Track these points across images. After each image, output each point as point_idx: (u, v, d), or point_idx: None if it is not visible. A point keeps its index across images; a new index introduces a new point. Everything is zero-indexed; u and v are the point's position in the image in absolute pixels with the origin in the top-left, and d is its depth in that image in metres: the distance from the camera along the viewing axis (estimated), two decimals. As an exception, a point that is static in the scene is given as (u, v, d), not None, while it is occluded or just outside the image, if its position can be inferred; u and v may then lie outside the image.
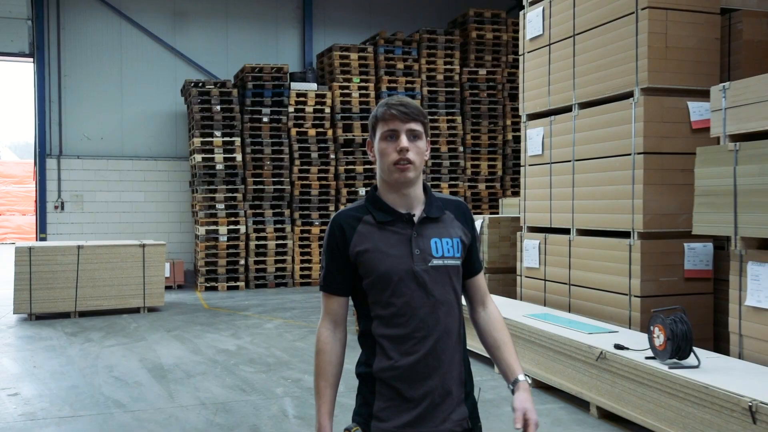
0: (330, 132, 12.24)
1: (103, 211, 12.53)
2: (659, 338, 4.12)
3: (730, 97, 4.42)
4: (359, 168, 12.35)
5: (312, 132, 12.15)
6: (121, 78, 12.73)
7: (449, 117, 12.72)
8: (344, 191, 12.26)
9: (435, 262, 1.90)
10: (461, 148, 12.82)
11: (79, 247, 8.95)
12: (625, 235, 5.66)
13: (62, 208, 12.32)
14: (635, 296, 5.51)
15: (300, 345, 7.12)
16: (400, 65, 12.59)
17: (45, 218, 12.23)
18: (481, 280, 2.09)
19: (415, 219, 1.93)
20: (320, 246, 12.01)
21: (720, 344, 5.34)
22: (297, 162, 12.01)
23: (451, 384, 1.92)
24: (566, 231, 6.42)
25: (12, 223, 26.63)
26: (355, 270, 1.93)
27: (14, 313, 8.66)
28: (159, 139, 12.92)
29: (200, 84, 11.76)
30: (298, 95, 12.11)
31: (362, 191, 12.33)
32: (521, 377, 1.97)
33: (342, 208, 2.02)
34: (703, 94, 5.28)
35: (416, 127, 1.91)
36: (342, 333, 1.98)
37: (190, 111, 11.91)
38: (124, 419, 4.73)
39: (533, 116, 7.05)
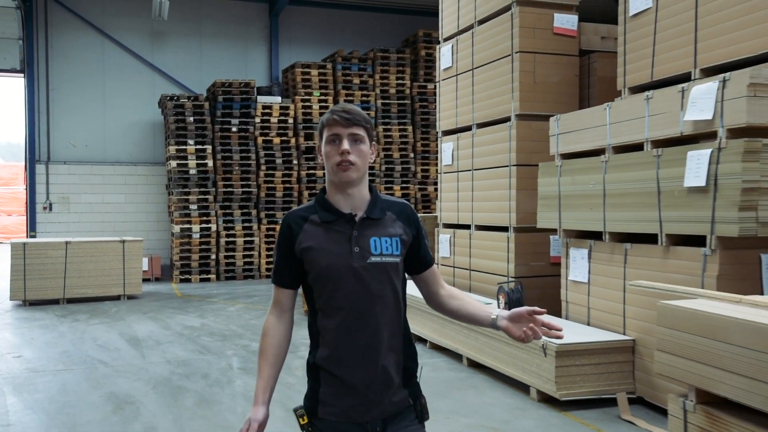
0: (293, 140, 13.66)
1: (88, 212, 13.86)
2: (502, 303, 5.63)
3: (561, 126, 5.93)
4: (319, 173, 13.78)
5: (277, 140, 13.56)
6: (103, 91, 14.07)
7: (401, 126, 14.19)
8: (306, 193, 13.68)
9: (373, 259, 2.00)
10: (412, 154, 14.30)
11: (67, 242, 10.31)
12: (506, 229, 7.16)
13: (50, 209, 13.64)
14: (512, 277, 7.01)
15: (254, 323, 8.55)
16: (357, 80, 14.05)
17: (35, 218, 13.53)
18: (435, 270, 2.19)
19: (357, 218, 2.03)
20: (284, 242, 13.42)
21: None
22: (263, 167, 13.42)
23: (390, 371, 2.03)
24: (468, 227, 7.91)
25: (-1, 223, 27.67)
26: (301, 265, 2.04)
27: (10, 300, 10.01)
28: (138, 147, 14.27)
29: (175, 97, 13.13)
30: (264, 107, 13.51)
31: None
32: (496, 310, 2.13)
33: (294, 208, 2.17)
34: (561, 120, 6.78)
35: (358, 131, 2.00)
36: (287, 320, 2.11)
37: (167, 121, 13.27)
38: (105, 371, 6.15)
39: (446, 132, 8.53)
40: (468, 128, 7.93)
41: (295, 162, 13.62)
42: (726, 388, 2.87)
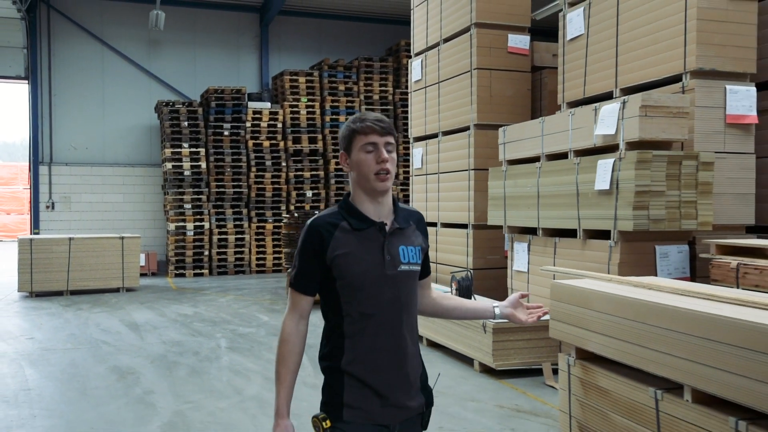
0: (282, 144, 14.52)
1: (88, 210, 14.69)
2: (454, 289, 6.50)
3: (507, 136, 6.80)
4: (307, 174, 14.64)
5: (266, 144, 14.41)
6: (103, 97, 14.90)
7: (384, 131, 15.04)
8: (294, 194, 14.54)
9: (402, 267, 2.06)
10: (395, 156, 15.14)
11: (70, 239, 11.15)
12: (465, 226, 8.03)
13: (53, 207, 14.47)
14: (470, 269, 7.87)
15: (243, 311, 9.40)
16: (342, 87, 14.92)
17: (38, 216, 14.35)
18: (430, 282, 2.32)
19: (387, 228, 2.07)
20: (274, 240, 14.28)
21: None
22: (253, 169, 14.27)
23: (412, 376, 2.09)
24: (435, 224, 8.77)
25: (-1, 221, 28.41)
26: (328, 272, 2.04)
27: (18, 291, 10.85)
28: (136, 149, 15.11)
29: (170, 103, 13.97)
30: (255, 112, 14.36)
31: (309, 193, 14.64)
32: (494, 302, 2.29)
33: (317, 213, 2.17)
34: (512, 129, 7.64)
35: (391, 140, 2.06)
36: (304, 326, 2.11)
37: (162, 125, 14.11)
38: (109, 349, 7.00)
39: (416, 139, 9.40)
40: (435, 135, 8.81)
41: (283, 164, 14.47)
42: (594, 345, 3.73)
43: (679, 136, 5.00)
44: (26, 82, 14.50)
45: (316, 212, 10.26)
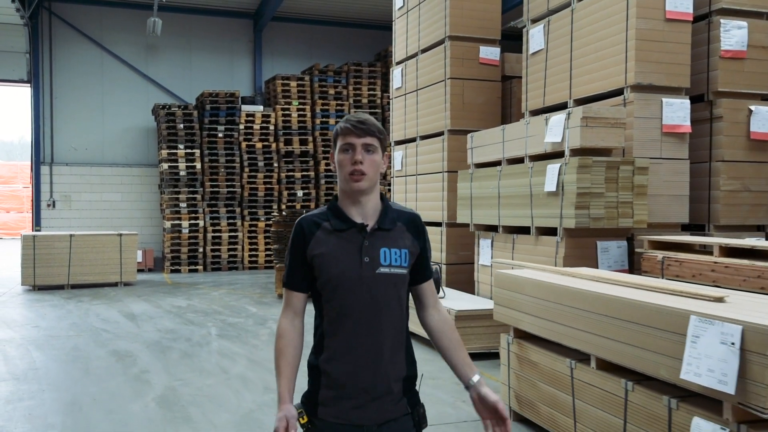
0: (274, 145, 15.12)
1: (87, 209, 15.29)
2: (423, 282, 7.10)
3: (474, 141, 7.42)
4: (297, 174, 15.24)
5: (259, 145, 15.02)
6: (102, 99, 15.50)
7: (372, 133, 15.66)
8: (285, 193, 15.15)
9: (382, 270, 2.01)
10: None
11: (71, 235, 11.74)
12: (440, 224, 8.65)
13: (54, 206, 15.06)
14: (443, 263, 8.49)
15: (233, 304, 10.01)
16: (332, 91, 15.53)
17: (40, 214, 14.94)
18: (431, 285, 2.20)
19: (368, 229, 2.04)
20: (265, 237, 14.88)
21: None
22: (246, 169, 14.87)
23: (390, 380, 2.04)
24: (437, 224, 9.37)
25: (-2, 219, 28.92)
26: (311, 270, 2.07)
27: (21, 285, 11.44)
28: (133, 150, 15.72)
29: (167, 106, 14.57)
30: (248, 115, 14.97)
31: (300, 193, 15.25)
32: (477, 377, 2.11)
33: (306, 212, 2.18)
34: (483, 135, 8.26)
35: (371, 141, 2.02)
36: (300, 323, 2.12)
37: (159, 127, 14.71)
38: (108, 336, 7.61)
39: (397, 142, 10.01)
40: (413, 139, 9.43)
41: (275, 165, 15.07)
42: (525, 324, 4.35)
43: (616, 144, 5.62)
44: (29, 85, 15.09)
45: (305, 211, 10.83)
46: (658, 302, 3.27)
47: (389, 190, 15.72)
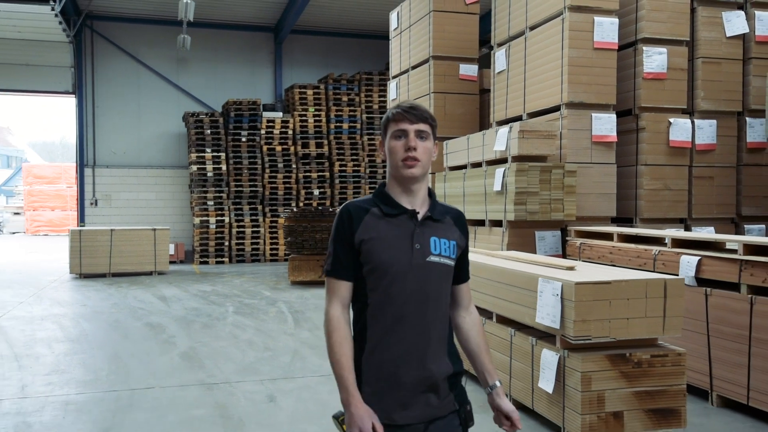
0: (292, 148, 16.58)
1: (126, 206, 16.96)
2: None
3: (449, 148, 8.72)
4: (314, 175, 16.68)
5: (279, 148, 16.49)
6: (138, 108, 17.14)
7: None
8: (302, 192, 16.59)
9: (432, 258, 1.97)
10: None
11: (111, 230, 13.35)
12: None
13: (96, 204, 16.76)
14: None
15: (251, 289, 11.46)
16: (345, 98, 16.92)
17: (84, 211, 16.66)
18: (467, 288, 2.17)
19: (419, 216, 2.00)
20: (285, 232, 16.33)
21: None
22: (267, 170, 16.36)
23: (437, 374, 1.98)
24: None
25: (44, 217, 30.92)
26: (357, 257, 2.00)
27: (70, 273, 13.10)
28: (166, 154, 17.34)
29: (196, 114, 16.13)
30: (268, 121, 16.44)
31: (316, 192, 16.67)
32: (498, 383, 2.11)
33: (350, 199, 2.16)
34: (461, 141, 9.54)
35: (424, 128, 2.00)
36: (348, 315, 2.04)
37: (189, 133, 16.27)
38: (143, 312, 9.11)
39: (393, 147, 11.33)
40: (406, 145, 10.73)
41: (294, 166, 16.53)
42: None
43: (548, 152, 6.88)
44: (73, 96, 16.80)
45: (320, 208, 12.21)
46: (527, 270, 4.58)
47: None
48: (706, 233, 6.90)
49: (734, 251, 4.71)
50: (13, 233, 31.10)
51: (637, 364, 4.02)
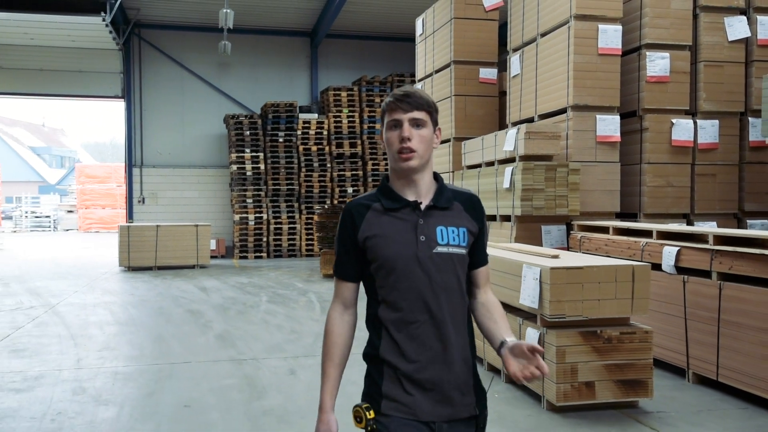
0: (327, 148, 17.30)
1: (170, 204, 17.94)
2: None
3: (466, 148, 9.26)
4: (348, 174, 17.37)
5: (314, 148, 17.23)
6: (183, 111, 18.10)
7: (414, 136, 17.60)
8: (337, 190, 17.30)
9: (439, 249, 1.90)
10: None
11: (157, 226, 14.27)
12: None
13: (143, 202, 17.79)
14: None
15: (285, 281, 12.20)
16: (378, 99, 17.55)
17: (132, 209, 17.70)
18: (484, 273, 2.07)
19: (422, 207, 1.93)
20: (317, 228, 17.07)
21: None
22: (303, 170, 17.12)
23: (458, 368, 1.92)
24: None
25: (95, 215, 32.46)
26: (363, 255, 1.96)
27: (119, 266, 14.07)
28: (208, 154, 18.26)
29: (236, 116, 16.99)
30: (304, 122, 17.20)
31: (350, 190, 17.37)
32: (512, 338, 1.94)
33: (354, 197, 2.07)
34: (480, 141, 10.07)
35: (419, 115, 1.91)
36: (351, 316, 2.02)
37: (229, 134, 17.14)
38: (184, 301, 9.90)
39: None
40: (430, 145, 11.31)
41: (328, 165, 17.25)
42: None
43: (553, 152, 7.38)
44: (123, 100, 17.85)
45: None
46: (515, 258, 5.13)
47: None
48: (687, 226, 7.28)
49: (707, 242, 5.16)
50: (67, 230, 32.69)
51: (607, 340, 4.54)
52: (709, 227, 7.56)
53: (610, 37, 7.58)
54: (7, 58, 17.37)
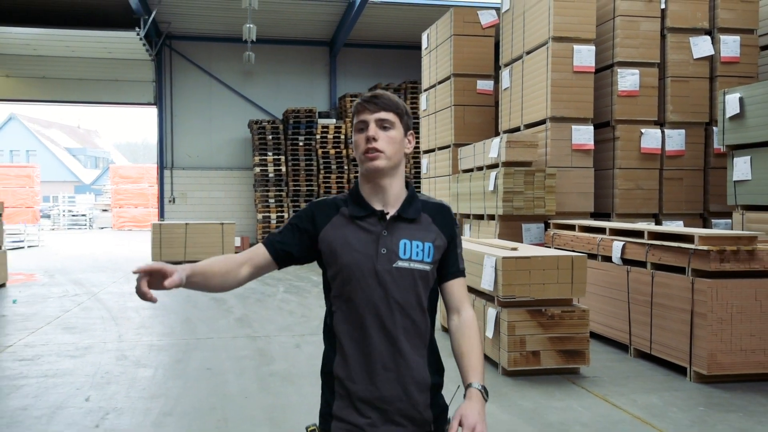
0: (344, 152, 18.38)
1: (198, 204, 19.20)
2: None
3: (461, 153, 10.24)
4: (364, 175, 18.41)
5: (332, 151, 18.32)
6: (210, 116, 19.34)
7: (427, 140, 18.60)
8: (353, 191, 18.36)
9: (400, 263, 1.81)
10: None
11: (186, 224, 15.49)
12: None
13: (173, 201, 19.07)
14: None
15: (302, 274, 13.29)
16: (392, 105, 18.56)
17: (164, 208, 19.00)
18: (457, 286, 1.94)
19: (388, 217, 1.85)
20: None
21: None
22: (322, 172, 18.23)
23: (411, 388, 1.82)
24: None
25: (128, 214, 33.97)
26: (319, 257, 1.90)
27: (151, 260, 15.30)
28: (233, 157, 19.49)
29: (259, 121, 18.17)
30: (323, 127, 18.30)
31: (366, 191, 18.40)
32: (475, 384, 1.80)
33: (328, 195, 1.97)
34: (477, 147, 11.04)
35: (386, 116, 1.84)
36: (245, 271, 1.87)
37: (253, 138, 18.32)
38: (220, 295, 11.03)
39: (425, 151, 12.93)
40: (433, 150, 12.33)
41: (345, 167, 18.32)
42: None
43: (531, 158, 8.34)
44: (155, 106, 19.16)
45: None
46: (479, 250, 6.12)
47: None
48: (629, 224, 8.16)
49: (644, 237, 6.10)
50: (102, 228, 34.30)
51: (550, 317, 5.52)
52: (650, 225, 8.45)
53: (584, 56, 8.51)
54: (51, 69, 18.79)
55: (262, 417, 4.72)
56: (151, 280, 1.71)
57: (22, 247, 19.86)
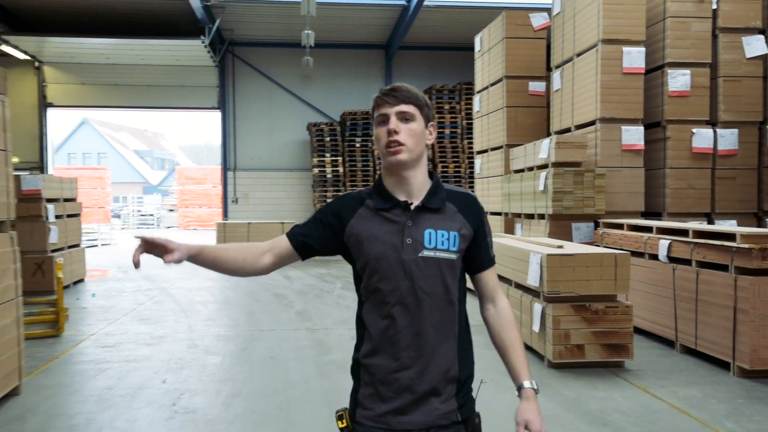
0: (400, 152, 18.72)
1: (260, 204, 19.93)
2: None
3: (513, 154, 10.47)
4: (419, 175, 18.75)
5: (388, 152, 18.69)
6: (270, 119, 20.05)
7: (481, 140, 18.78)
8: (408, 191, 18.72)
9: (426, 253, 1.83)
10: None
11: (248, 223, 16.18)
12: (500, 214, 11.71)
13: (236, 202, 19.87)
14: (502, 243, 11.56)
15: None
16: (447, 106, 18.85)
17: (227, 208, 19.81)
18: (490, 276, 1.97)
19: (412, 207, 1.87)
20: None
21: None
22: (378, 172, 18.66)
23: (435, 378, 1.84)
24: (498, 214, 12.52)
25: (193, 213, 35.27)
26: (347, 252, 1.96)
27: (216, 258, 16.04)
28: (293, 158, 20.14)
29: (317, 124, 18.74)
30: (379, 128, 18.70)
31: (421, 191, 18.73)
32: (526, 384, 1.87)
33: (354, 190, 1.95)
34: (529, 148, 11.23)
35: (407, 109, 1.85)
36: (267, 259, 1.97)
37: (311, 140, 18.91)
38: (271, 286, 11.61)
39: (478, 152, 13.18)
40: (486, 150, 12.57)
41: (401, 168, 18.68)
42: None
43: (580, 159, 8.51)
44: (219, 110, 20.00)
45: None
46: (525, 248, 6.39)
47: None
48: (677, 223, 8.21)
49: (689, 236, 6.25)
50: (168, 227, 35.72)
51: (594, 312, 5.75)
52: (696, 224, 8.49)
53: (634, 57, 8.63)
54: (122, 76, 19.85)
55: (320, 400, 5.14)
56: (155, 251, 1.83)
57: (96, 245, 21.04)
